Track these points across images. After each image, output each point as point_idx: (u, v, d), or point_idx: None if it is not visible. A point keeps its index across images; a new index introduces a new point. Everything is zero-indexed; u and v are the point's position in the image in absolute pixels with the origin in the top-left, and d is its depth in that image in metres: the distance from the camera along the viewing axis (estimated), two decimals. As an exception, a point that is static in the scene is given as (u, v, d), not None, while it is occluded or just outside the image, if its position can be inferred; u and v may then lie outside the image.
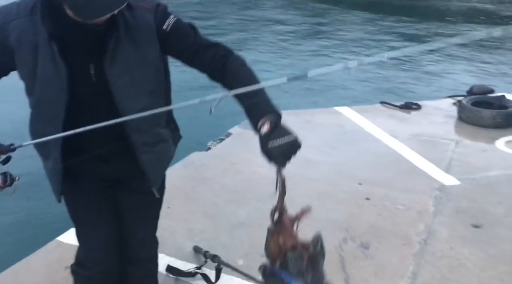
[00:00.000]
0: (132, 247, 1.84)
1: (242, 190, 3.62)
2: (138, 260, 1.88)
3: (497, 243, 2.88)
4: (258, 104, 1.44)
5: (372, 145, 4.53)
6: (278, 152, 1.34)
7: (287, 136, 1.34)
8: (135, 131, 1.54)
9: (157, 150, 1.63)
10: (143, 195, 1.75)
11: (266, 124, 1.36)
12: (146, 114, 1.40)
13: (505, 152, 4.33)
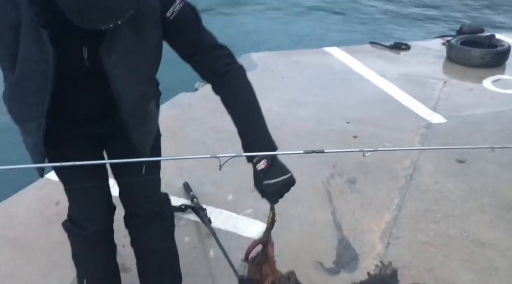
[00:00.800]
0: (140, 204, 1.75)
1: (230, 130, 3.55)
2: (149, 217, 1.77)
3: (480, 177, 2.96)
4: (256, 135, 1.41)
5: (361, 85, 4.52)
6: (273, 190, 1.33)
7: (283, 175, 1.33)
8: (130, 114, 1.44)
9: (146, 128, 1.55)
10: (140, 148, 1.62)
11: (263, 160, 1.34)
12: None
13: (492, 90, 4.36)
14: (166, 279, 1.91)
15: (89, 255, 1.78)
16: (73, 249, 1.79)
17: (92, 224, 1.68)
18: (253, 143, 1.40)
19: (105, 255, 1.82)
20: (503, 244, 2.36)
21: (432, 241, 2.39)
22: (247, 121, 1.44)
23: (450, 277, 2.15)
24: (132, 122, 1.46)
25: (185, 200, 2.67)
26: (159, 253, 1.86)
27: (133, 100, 1.41)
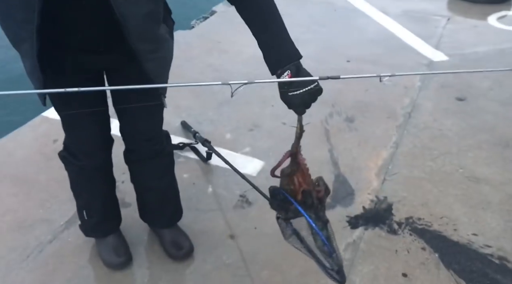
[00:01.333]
0: (141, 141, 1.72)
1: (228, 69, 3.56)
2: (150, 154, 1.76)
3: (478, 114, 2.94)
4: (277, 44, 1.29)
5: (362, 23, 4.39)
6: (299, 101, 1.26)
7: (309, 84, 1.24)
8: (139, 39, 1.30)
9: (160, 55, 1.43)
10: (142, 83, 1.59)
11: (287, 71, 1.26)
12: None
13: (496, 27, 4.24)
14: (166, 213, 1.96)
15: (87, 187, 1.80)
16: (71, 179, 1.81)
17: (88, 158, 1.68)
18: (276, 53, 1.29)
19: (103, 189, 1.84)
20: (498, 179, 2.39)
21: (428, 177, 2.42)
22: (267, 30, 1.31)
23: (444, 211, 2.19)
24: (142, 48, 1.33)
25: (183, 139, 2.68)
26: (159, 189, 1.89)
27: (139, 20, 1.26)
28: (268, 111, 3.02)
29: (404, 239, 2.05)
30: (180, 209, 1.99)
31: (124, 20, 1.23)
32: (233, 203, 2.25)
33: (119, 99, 1.64)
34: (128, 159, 1.83)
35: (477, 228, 2.09)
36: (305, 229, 1.47)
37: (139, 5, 1.24)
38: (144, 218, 2.00)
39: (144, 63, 1.36)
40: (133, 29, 1.26)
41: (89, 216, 1.85)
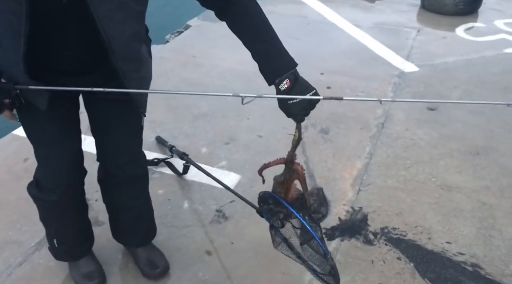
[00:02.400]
0: (121, 165, 1.67)
1: (203, 83, 3.56)
2: (129, 177, 1.72)
3: (449, 123, 3.01)
4: (273, 54, 1.29)
5: (335, 35, 4.46)
6: (299, 108, 1.27)
7: (308, 91, 1.26)
8: (123, 59, 1.31)
9: (141, 75, 1.43)
10: (123, 104, 1.51)
11: (286, 80, 1.26)
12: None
13: (464, 38, 4.37)
14: (141, 232, 1.92)
15: (58, 220, 1.73)
16: (41, 212, 1.74)
17: (60, 190, 1.60)
18: (272, 63, 1.30)
19: (76, 219, 1.77)
20: (469, 186, 2.44)
21: (401, 187, 2.45)
22: (261, 40, 1.31)
23: (418, 220, 2.23)
24: (126, 68, 1.33)
25: (158, 154, 2.65)
26: (135, 209, 1.84)
27: (124, 41, 1.26)
28: (244, 124, 3.02)
29: (380, 249, 2.07)
30: (154, 227, 1.96)
31: (110, 41, 1.23)
32: (210, 218, 2.23)
33: (100, 124, 1.60)
34: (104, 182, 1.78)
35: (450, 236, 2.12)
36: (294, 236, 1.50)
37: (125, 27, 1.24)
38: (118, 238, 1.95)
39: (127, 83, 1.36)
40: (118, 50, 1.26)
41: (59, 243, 1.79)
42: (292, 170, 1.42)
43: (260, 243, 2.08)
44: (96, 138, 1.66)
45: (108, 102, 1.53)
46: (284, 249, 1.52)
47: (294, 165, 1.41)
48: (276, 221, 1.48)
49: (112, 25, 1.21)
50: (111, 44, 1.24)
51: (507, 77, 3.60)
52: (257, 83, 3.56)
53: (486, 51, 4.08)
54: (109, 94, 1.44)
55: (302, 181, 1.42)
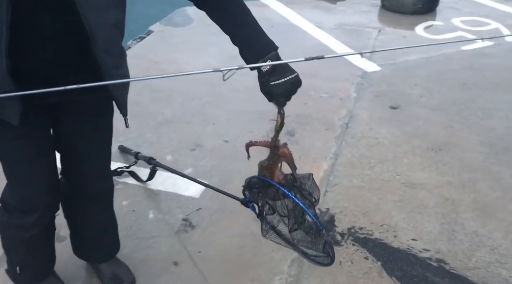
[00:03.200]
0: (90, 180, 1.60)
1: (167, 89, 3.51)
2: (97, 193, 1.66)
3: (411, 121, 3.07)
4: (254, 36, 1.29)
5: (298, 37, 4.49)
6: (281, 91, 1.27)
7: (290, 74, 1.27)
8: (105, 52, 1.26)
9: (122, 72, 1.39)
10: (96, 117, 1.49)
11: (268, 61, 1.25)
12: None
13: (424, 37, 4.48)
14: (104, 248, 1.86)
15: (25, 247, 1.62)
16: (5, 237, 1.62)
17: (39, 213, 1.50)
18: (253, 45, 1.29)
19: (45, 243, 1.68)
20: (432, 183, 2.49)
21: (367, 186, 2.48)
22: (241, 24, 1.31)
23: (384, 219, 2.25)
24: (108, 63, 1.29)
25: (122, 164, 2.59)
26: (98, 224, 1.77)
27: (107, 31, 1.23)
28: (210, 130, 3.00)
29: (348, 249, 2.08)
30: (118, 241, 1.90)
31: (92, 31, 1.19)
32: (176, 227, 2.19)
33: (69, 138, 1.52)
34: (68, 197, 1.68)
35: (415, 233, 2.16)
36: (282, 223, 1.50)
37: (107, 15, 1.22)
38: (80, 255, 1.88)
39: (108, 79, 1.30)
40: (101, 40, 1.23)
41: (23, 270, 1.68)
42: (276, 154, 1.42)
43: (228, 250, 2.06)
44: (62, 153, 1.57)
45: (80, 115, 1.46)
46: (273, 236, 1.52)
47: (279, 149, 1.42)
48: (264, 205, 1.47)
49: (95, 13, 1.18)
50: (93, 34, 1.20)
51: (465, 74, 3.71)
52: (222, 87, 3.56)
53: (444, 48, 4.18)
54: (83, 105, 1.43)
55: (290, 162, 1.42)
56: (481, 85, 3.52)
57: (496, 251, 2.05)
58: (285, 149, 1.43)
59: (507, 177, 2.53)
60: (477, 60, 3.95)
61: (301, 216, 1.44)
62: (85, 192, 1.65)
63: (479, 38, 3.78)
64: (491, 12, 5.08)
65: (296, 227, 1.46)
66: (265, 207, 1.51)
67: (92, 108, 1.47)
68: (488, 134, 2.92)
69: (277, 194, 1.43)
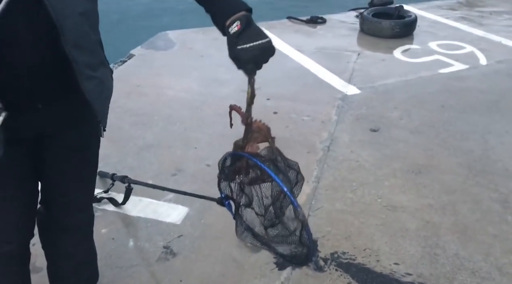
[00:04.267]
0: (70, 213, 1.55)
1: (148, 113, 3.49)
2: (77, 225, 1.61)
3: (392, 144, 3.11)
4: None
5: (279, 61, 4.53)
6: (249, 56, 1.15)
7: (261, 38, 1.14)
8: (74, 45, 1.15)
9: (99, 75, 1.28)
10: (81, 152, 1.43)
11: (236, 22, 1.15)
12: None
13: (402, 60, 4.58)
14: (82, 279, 1.79)
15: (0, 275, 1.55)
16: None
17: (9, 244, 1.45)
18: (220, 2, 1.20)
19: (20, 271, 1.61)
20: (413, 205, 2.51)
21: (349, 209, 2.48)
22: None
23: (366, 243, 2.25)
24: (79, 59, 1.18)
25: (100, 189, 2.55)
26: (76, 256, 1.71)
27: (75, 19, 1.13)
28: (191, 154, 2.98)
29: (331, 275, 2.06)
30: (97, 272, 1.85)
31: (58, 17, 1.09)
32: (157, 255, 2.15)
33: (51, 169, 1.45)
34: (45, 227, 1.63)
35: (397, 257, 2.16)
36: (258, 225, 1.44)
37: (73, 2, 1.14)
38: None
39: (82, 81, 1.20)
40: (68, 29, 1.12)
41: None
42: (251, 131, 1.32)
43: (209, 278, 2.03)
44: (43, 183, 1.49)
45: (62, 150, 1.40)
46: (248, 238, 1.46)
47: (253, 124, 1.32)
48: (240, 195, 1.39)
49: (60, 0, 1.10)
50: (59, 22, 1.10)
51: (442, 96, 3.79)
52: (203, 111, 3.56)
53: (422, 71, 4.28)
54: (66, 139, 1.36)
55: (267, 135, 1.35)
56: (458, 108, 3.59)
57: (477, 274, 2.06)
58: (260, 123, 1.33)
59: (485, 199, 2.56)
60: (453, 83, 4.05)
61: (280, 209, 1.36)
62: (64, 224, 1.60)
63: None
64: (465, 36, 5.24)
65: (274, 220, 1.38)
66: (242, 198, 1.43)
67: (75, 142, 1.41)
68: (466, 156, 2.97)
69: (254, 177, 1.33)
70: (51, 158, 1.42)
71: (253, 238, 1.45)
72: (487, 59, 4.57)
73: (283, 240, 1.40)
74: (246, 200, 1.44)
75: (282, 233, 1.40)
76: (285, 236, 1.39)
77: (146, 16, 6.74)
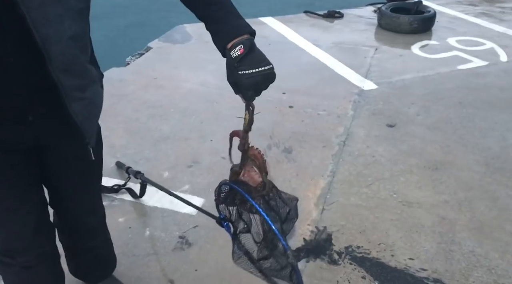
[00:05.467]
0: (78, 217, 1.55)
1: (165, 105, 3.52)
2: (87, 228, 1.61)
3: (408, 139, 3.09)
4: (225, 15, 1.15)
5: (296, 55, 4.53)
6: (250, 83, 1.10)
7: (264, 65, 1.11)
8: (62, 70, 1.09)
9: (88, 95, 1.21)
10: (82, 161, 1.35)
11: (239, 45, 1.11)
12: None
13: (420, 56, 4.53)
14: (100, 268, 1.83)
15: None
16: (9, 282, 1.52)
17: (27, 252, 1.40)
18: (223, 24, 1.14)
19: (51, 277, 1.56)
20: (429, 202, 2.49)
21: (364, 204, 2.48)
22: (212, 2, 1.17)
23: (381, 238, 2.25)
24: (67, 83, 1.11)
25: (118, 180, 2.58)
26: (93, 248, 1.72)
27: (63, 44, 1.06)
28: (207, 146, 3.00)
29: (345, 269, 2.07)
30: (114, 260, 1.88)
31: (44, 43, 1.02)
32: (172, 245, 2.18)
33: (53, 177, 1.42)
34: (60, 226, 1.63)
35: (412, 252, 2.15)
36: (256, 251, 1.41)
37: (63, 26, 1.05)
38: (76, 275, 1.83)
39: (70, 103, 1.15)
40: (56, 55, 1.06)
41: None
42: (247, 157, 1.29)
43: (224, 269, 2.04)
44: (49, 190, 1.48)
45: (64, 160, 1.38)
46: (244, 263, 1.43)
47: (249, 151, 1.28)
48: (237, 221, 1.37)
49: (47, 25, 1.01)
50: (46, 48, 1.03)
51: (461, 93, 3.74)
52: (219, 104, 3.57)
53: (440, 67, 4.23)
54: (61, 151, 1.33)
55: (261, 165, 1.29)
56: (477, 105, 3.55)
57: (494, 272, 2.05)
58: (256, 150, 1.29)
59: (503, 196, 2.53)
60: (472, 79, 4.00)
61: (272, 241, 1.32)
62: (75, 227, 1.61)
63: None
64: (486, 32, 5.15)
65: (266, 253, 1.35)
66: (240, 223, 1.41)
67: (73, 151, 1.35)
68: (484, 153, 2.93)
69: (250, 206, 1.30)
70: (53, 167, 1.39)
71: (250, 264, 1.41)
72: (508, 55, 4.49)
73: (276, 274, 1.37)
74: (244, 226, 1.41)
75: (274, 266, 1.37)
76: (277, 270, 1.37)
77: (164, 9, 6.77)
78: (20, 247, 1.40)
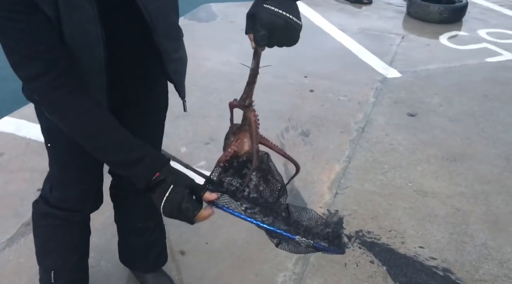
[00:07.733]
0: None
1: (186, 82, 3.52)
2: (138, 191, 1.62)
3: (428, 129, 3.05)
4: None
5: (320, 39, 4.49)
6: (268, 19, 0.96)
7: (293, 14, 0.97)
8: (165, 37, 1.23)
9: (180, 55, 1.37)
10: (154, 115, 1.51)
11: None
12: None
13: (447, 46, 4.43)
14: (151, 257, 1.83)
15: (62, 244, 1.57)
16: (44, 234, 1.57)
17: (76, 211, 1.49)
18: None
19: (81, 244, 1.64)
20: (444, 192, 2.47)
21: (378, 191, 2.47)
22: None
23: (392, 224, 2.24)
24: (168, 47, 1.26)
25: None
26: (146, 232, 1.74)
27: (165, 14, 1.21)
28: (225, 125, 2.97)
29: (354, 252, 2.08)
30: (165, 253, 1.88)
31: (151, 17, 1.15)
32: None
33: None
34: (115, 197, 1.69)
35: (423, 241, 2.15)
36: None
37: (167, 18, 1.21)
38: (125, 262, 1.87)
39: (169, 64, 1.30)
40: (160, 27, 1.18)
41: (56, 278, 1.59)
42: (246, 118, 1.13)
43: (234, 244, 2.08)
44: None
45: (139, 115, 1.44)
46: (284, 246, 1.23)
47: (248, 111, 1.11)
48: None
49: (159, 20, 1.17)
50: (153, 21, 1.16)
51: (487, 86, 3.66)
52: (240, 84, 3.57)
53: (468, 59, 4.14)
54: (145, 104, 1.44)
55: (253, 132, 1.14)
56: (502, 99, 3.46)
57: (505, 265, 2.03)
58: (252, 113, 1.11)
59: (521, 192, 2.49)
60: (500, 72, 3.90)
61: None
62: (126, 188, 1.63)
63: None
64: (519, 25, 5.00)
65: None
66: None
67: (152, 106, 1.49)
68: (506, 147, 2.88)
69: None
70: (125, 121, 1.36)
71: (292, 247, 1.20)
72: (540, 50, 4.36)
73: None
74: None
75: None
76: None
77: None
78: (79, 204, 1.49)
